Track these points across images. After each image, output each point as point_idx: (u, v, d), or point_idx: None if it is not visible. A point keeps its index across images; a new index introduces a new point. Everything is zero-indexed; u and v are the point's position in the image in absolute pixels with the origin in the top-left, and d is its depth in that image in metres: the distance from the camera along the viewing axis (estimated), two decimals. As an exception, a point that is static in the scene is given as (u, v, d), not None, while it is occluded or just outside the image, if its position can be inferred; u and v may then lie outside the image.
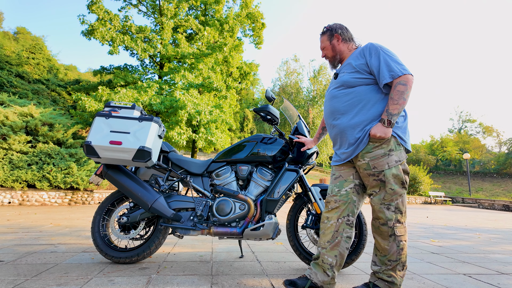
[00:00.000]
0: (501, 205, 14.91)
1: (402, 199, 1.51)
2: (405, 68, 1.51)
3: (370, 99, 1.58)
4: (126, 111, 1.99)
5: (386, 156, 1.50)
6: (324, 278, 1.53)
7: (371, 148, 1.52)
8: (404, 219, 1.52)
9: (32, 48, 21.89)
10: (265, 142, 2.12)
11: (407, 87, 1.47)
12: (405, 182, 1.51)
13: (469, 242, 3.66)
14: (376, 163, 1.51)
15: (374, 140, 1.51)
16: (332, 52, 1.77)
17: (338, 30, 1.75)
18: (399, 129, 1.54)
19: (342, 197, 1.60)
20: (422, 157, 34.75)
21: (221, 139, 11.99)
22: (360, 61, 1.62)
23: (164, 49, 11.74)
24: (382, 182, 1.50)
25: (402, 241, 1.49)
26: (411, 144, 42.83)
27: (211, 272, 1.96)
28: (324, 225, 1.61)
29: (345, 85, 1.65)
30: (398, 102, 1.47)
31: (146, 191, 2.03)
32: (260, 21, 15.35)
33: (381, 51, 1.57)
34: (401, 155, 1.52)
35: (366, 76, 1.60)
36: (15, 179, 6.93)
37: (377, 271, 1.54)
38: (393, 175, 1.49)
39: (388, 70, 1.51)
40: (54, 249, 2.51)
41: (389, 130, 1.48)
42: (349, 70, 1.66)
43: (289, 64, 31.66)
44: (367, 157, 1.53)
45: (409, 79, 1.48)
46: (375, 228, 1.56)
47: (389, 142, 1.51)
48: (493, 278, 2.04)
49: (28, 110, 8.12)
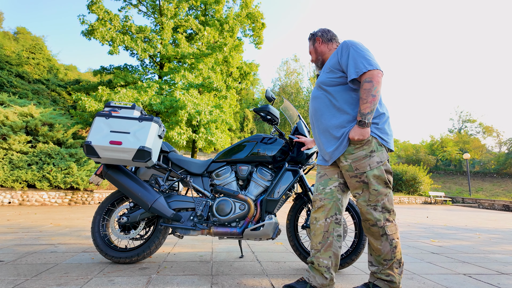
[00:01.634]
0: (501, 205, 14.91)
1: (388, 198, 1.51)
2: (372, 63, 1.48)
3: (347, 99, 1.58)
4: (126, 111, 1.99)
5: (368, 157, 1.50)
6: (323, 281, 1.53)
7: (352, 150, 1.52)
8: (393, 217, 1.52)
9: (32, 48, 21.87)
10: (265, 142, 2.12)
11: (372, 83, 1.45)
12: (388, 182, 1.52)
13: (469, 242, 3.66)
14: (358, 165, 1.51)
15: (354, 142, 1.51)
16: (315, 54, 1.83)
17: (319, 33, 1.81)
18: (379, 130, 1.54)
19: (327, 195, 1.60)
20: (422, 157, 34.73)
21: (221, 139, 11.99)
22: (333, 60, 1.62)
23: (164, 49, 11.74)
24: (365, 183, 1.51)
25: (394, 239, 1.50)
26: (412, 144, 43.22)
27: (211, 272, 1.96)
28: (314, 226, 1.62)
29: (321, 85, 1.67)
30: (367, 100, 1.45)
31: (146, 191, 2.03)
32: (260, 21, 15.35)
33: (351, 47, 1.55)
34: (382, 156, 1.52)
35: (340, 75, 1.59)
36: (15, 179, 6.93)
37: (375, 271, 1.54)
38: (375, 176, 1.49)
39: (354, 66, 1.50)
40: (54, 249, 2.51)
41: (367, 131, 1.48)
42: (325, 70, 1.68)
43: (289, 64, 31.72)
44: (349, 158, 1.53)
45: (374, 74, 1.46)
46: (366, 229, 1.57)
47: (370, 143, 1.51)
48: (493, 278, 2.04)
49: (28, 110, 8.12)
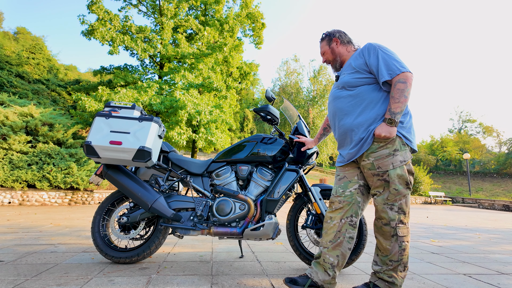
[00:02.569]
0: (501, 205, 14.90)
1: (406, 200, 1.50)
2: (404, 65, 1.51)
3: (372, 99, 1.58)
4: (126, 111, 1.99)
5: (391, 156, 1.49)
6: (324, 277, 1.53)
7: (375, 148, 1.52)
8: (407, 220, 1.51)
9: (32, 48, 21.88)
10: (265, 142, 2.12)
11: (406, 84, 1.47)
12: (409, 183, 1.50)
13: (469, 242, 3.66)
14: (380, 163, 1.50)
15: (379, 140, 1.50)
16: (332, 55, 1.80)
17: (336, 34, 1.79)
18: (404, 129, 1.54)
19: (346, 198, 1.60)
20: (422, 157, 34.73)
21: (221, 139, 11.99)
22: (360, 61, 1.63)
23: (164, 49, 11.74)
24: (386, 182, 1.49)
25: (404, 242, 1.49)
26: (412, 144, 42.79)
27: (211, 272, 1.96)
28: (327, 225, 1.61)
29: (346, 85, 1.66)
30: (400, 100, 1.47)
31: (146, 191, 2.03)
32: (260, 21, 15.36)
33: (379, 50, 1.58)
34: (406, 155, 1.51)
35: (366, 76, 1.60)
36: (15, 179, 6.93)
37: (378, 271, 1.54)
38: (398, 175, 1.48)
39: (386, 68, 1.52)
40: (54, 249, 2.51)
41: (394, 129, 1.48)
42: (350, 71, 1.67)
43: (289, 64, 31.69)
44: (371, 157, 1.52)
45: (408, 76, 1.48)
46: (377, 228, 1.55)
47: (394, 142, 1.50)
48: (493, 278, 2.04)
49: (28, 110, 8.12)
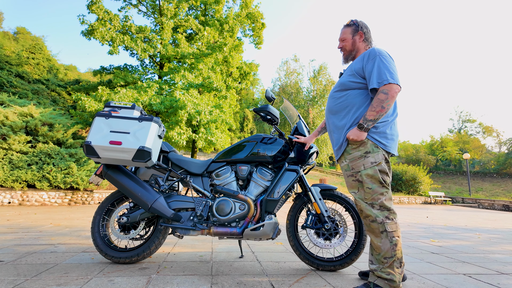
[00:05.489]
0: (501, 205, 14.90)
1: (386, 197, 1.57)
2: (394, 77, 1.53)
3: (356, 103, 1.65)
4: (126, 111, 1.99)
5: (363, 158, 1.59)
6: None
7: (350, 150, 1.64)
8: (393, 216, 1.56)
9: (32, 48, 21.86)
10: (265, 142, 2.12)
11: (388, 96, 1.51)
12: (383, 181, 1.57)
13: (469, 242, 3.66)
14: (354, 164, 1.61)
15: (352, 142, 1.61)
16: (351, 47, 1.80)
17: (364, 29, 1.78)
18: (377, 134, 1.61)
19: None
20: (422, 157, 34.72)
21: (221, 139, 11.99)
22: (358, 66, 1.67)
23: (164, 49, 11.73)
24: (359, 182, 1.60)
25: (395, 237, 1.52)
26: (412, 144, 43.14)
27: (211, 272, 1.96)
28: None
29: (341, 86, 1.73)
30: (376, 109, 1.53)
31: (146, 191, 2.03)
32: (260, 21, 15.35)
33: (378, 56, 1.59)
34: (377, 157, 1.58)
35: (359, 81, 1.66)
36: (15, 179, 6.93)
37: (375, 269, 1.56)
38: (369, 175, 1.57)
39: (377, 76, 1.56)
40: (54, 249, 2.51)
41: (363, 134, 1.57)
42: (348, 72, 1.72)
43: (289, 64, 31.68)
44: (347, 158, 1.65)
45: (393, 88, 1.51)
46: (367, 227, 1.62)
47: (366, 144, 1.59)
48: (493, 278, 2.04)
49: (28, 110, 8.12)
